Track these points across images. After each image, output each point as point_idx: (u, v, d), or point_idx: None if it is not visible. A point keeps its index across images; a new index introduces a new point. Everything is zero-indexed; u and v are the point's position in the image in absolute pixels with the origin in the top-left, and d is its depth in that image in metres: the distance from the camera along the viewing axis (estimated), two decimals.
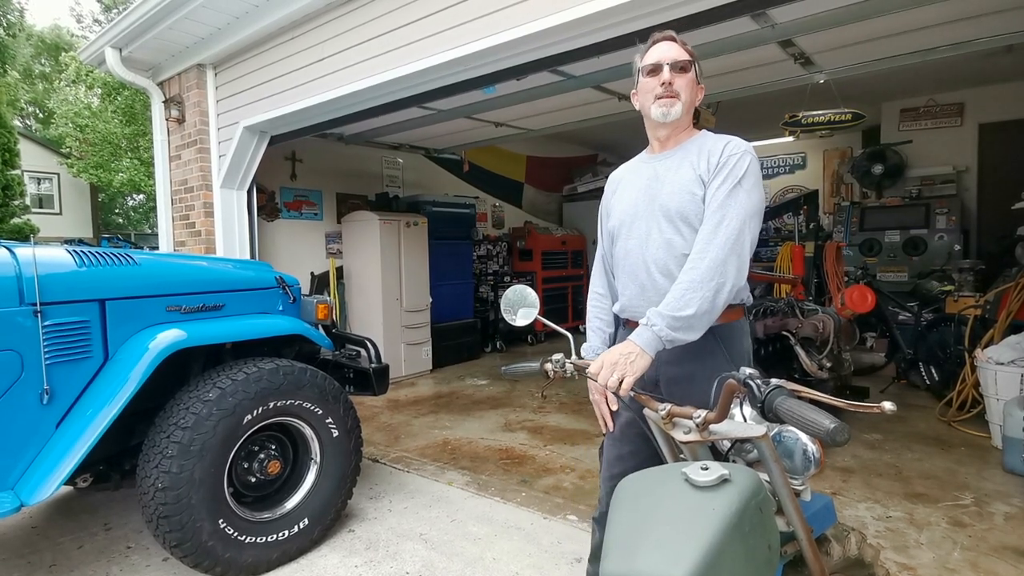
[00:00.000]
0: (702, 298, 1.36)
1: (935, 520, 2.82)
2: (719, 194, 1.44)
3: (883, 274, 6.47)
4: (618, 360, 1.33)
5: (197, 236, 4.93)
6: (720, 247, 1.39)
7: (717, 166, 1.47)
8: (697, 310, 1.36)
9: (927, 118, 6.94)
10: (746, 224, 1.43)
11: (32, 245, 2.20)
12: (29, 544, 2.78)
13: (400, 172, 7.25)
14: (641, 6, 2.53)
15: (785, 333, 3.71)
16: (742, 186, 1.44)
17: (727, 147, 1.50)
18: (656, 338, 1.36)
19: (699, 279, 1.38)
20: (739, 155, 1.47)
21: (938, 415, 4.31)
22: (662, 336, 1.36)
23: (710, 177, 1.48)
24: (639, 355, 1.34)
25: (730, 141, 1.51)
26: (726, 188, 1.44)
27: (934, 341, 4.79)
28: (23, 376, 2.08)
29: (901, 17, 3.26)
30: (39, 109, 23.05)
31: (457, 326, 6.85)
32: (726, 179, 1.45)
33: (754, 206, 1.45)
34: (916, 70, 5.36)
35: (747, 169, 1.46)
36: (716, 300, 1.38)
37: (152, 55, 4.80)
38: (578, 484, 3.35)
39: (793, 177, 9.01)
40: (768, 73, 4.35)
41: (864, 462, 3.55)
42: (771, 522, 1.15)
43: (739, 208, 1.43)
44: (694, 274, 1.39)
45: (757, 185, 1.48)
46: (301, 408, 2.58)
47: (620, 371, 1.31)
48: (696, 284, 1.37)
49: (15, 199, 11.22)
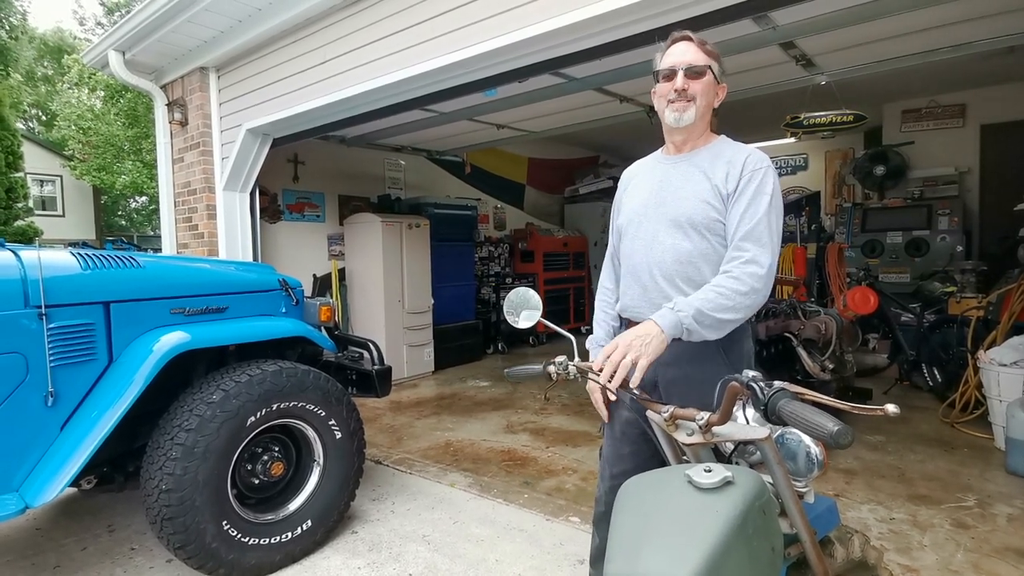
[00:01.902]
0: (736, 306, 1.39)
1: (938, 522, 2.82)
2: (755, 213, 1.45)
3: (885, 275, 6.46)
4: (633, 341, 1.30)
5: (200, 238, 4.94)
6: (764, 266, 1.43)
7: (740, 180, 1.48)
8: (729, 316, 1.39)
9: (929, 119, 6.93)
10: (778, 246, 1.48)
11: (37, 248, 2.21)
12: (33, 546, 2.79)
13: (402, 174, 7.26)
14: (641, 9, 2.54)
15: (787, 335, 3.71)
16: (772, 205, 1.47)
17: (748, 160, 1.50)
18: (679, 323, 1.34)
19: (739, 290, 1.39)
20: (763, 170, 1.48)
21: (941, 417, 4.30)
22: (685, 324, 1.35)
23: (732, 189, 1.48)
24: (657, 336, 1.32)
25: (751, 154, 1.51)
26: (761, 208, 1.45)
27: (937, 342, 4.79)
28: (28, 378, 2.09)
29: (902, 19, 3.26)
30: (42, 112, 23.11)
31: (459, 328, 6.85)
32: (756, 196, 1.46)
33: (781, 226, 1.51)
34: (918, 71, 5.36)
35: (774, 186, 1.48)
36: (748, 313, 1.43)
37: (155, 58, 4.82)
38: (580, 486, 3.35)
39: (795, 178, 9.01)
40: (770, 75, 4.35)
41: (867, 464, 3.54)
42: (775, 524, 1.15)
43: (774, 230, 1.46)
44: (736, 284, 1.40)
45: (781, 203, 1.52)
46: (304, 410, 2.58)
47: (635, 352, 1.28)
48: (735, 294, 1.39)
49: (18, 202, 11.24)
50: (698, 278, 1.50)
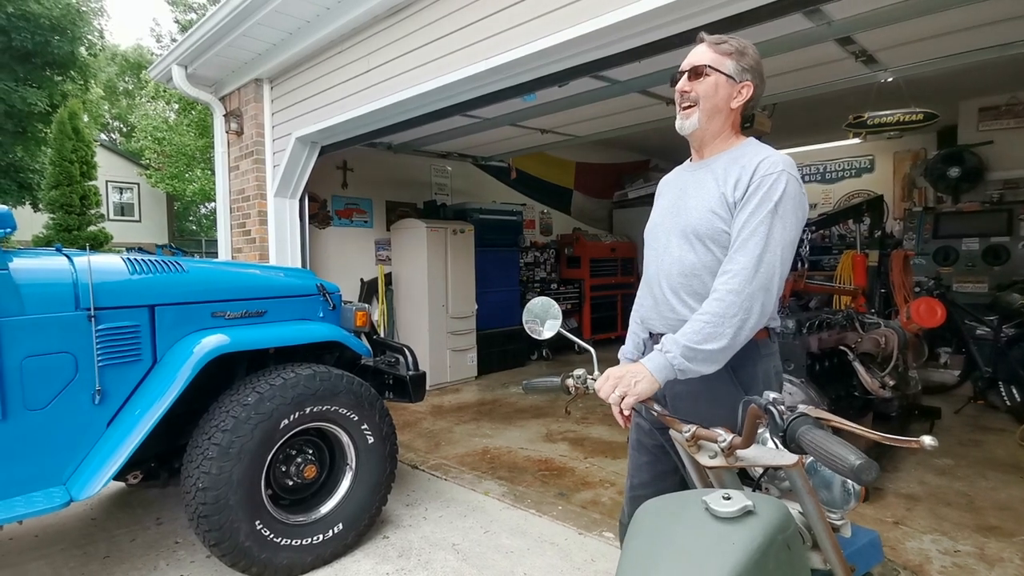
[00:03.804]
0: (722, 334, 1.28)
1: (1008, 556, 2.56)
2: (752, 221, 1.32)
3: (959, 285, 6.00)
4: (624, 376, 1.30)
5: (252, 243, 5.13)
6: (747, 281, 1.30)
7: (749, 187, 1.35)
8: (716, 345, 1.28)
9: (1009, 117, 6.41)
10: (779, 257, 1.32)
11: (87, 253, 2.32)
12: (87, 535, 2.93)
13: (448, 180, 7.32)
14: (681, 8, 2.44)
15: (843, 348, 3.48)
16: (777, 213, 1.32)
17: (761, 165, 1.36)
18: (669, 366, 1.30)
19: (723, 313, 1.29)
20: (775, 175, 1.33)
21: (1019, 440, 3.94)
22: (675, 365, 1.30)
23: (739, 197, 1.36)
24: (645, 378, 1.29)
25: (766, 158, 1.37)
26: (760, 215, 1.32)
27: (1016, 359, 4.40)
28: (77, 377, 2.20)
29: (973, 10, 3.00)
30: (123, 124, 24.74)
31: (503, 333, 6.83)
32: (760, 203, 1.32)
33: (789, 236, 1.33)
34: (995, 66, 4.95)
35: (784, 192, 1.32)
36: (737, 336, 1.30)
37: (214, 71, 5.05)
38: (617, 500, 3.24)
39: (860, 181, 8.52)
40: (827, 73, 4.12)
41: (932, 489, 3.27)
42: (801, 560, 1.06)
43: (772, 239, 1.31)
44: (719, 306, 1.30)
45: (795, 210, 1.34)
46: (337, 414, 2.61)
47: (622, 388, 1.29)
48: (719, 318, 1.29)
49: (91, 208, 12.06)
50: (703, 291, 1.40)
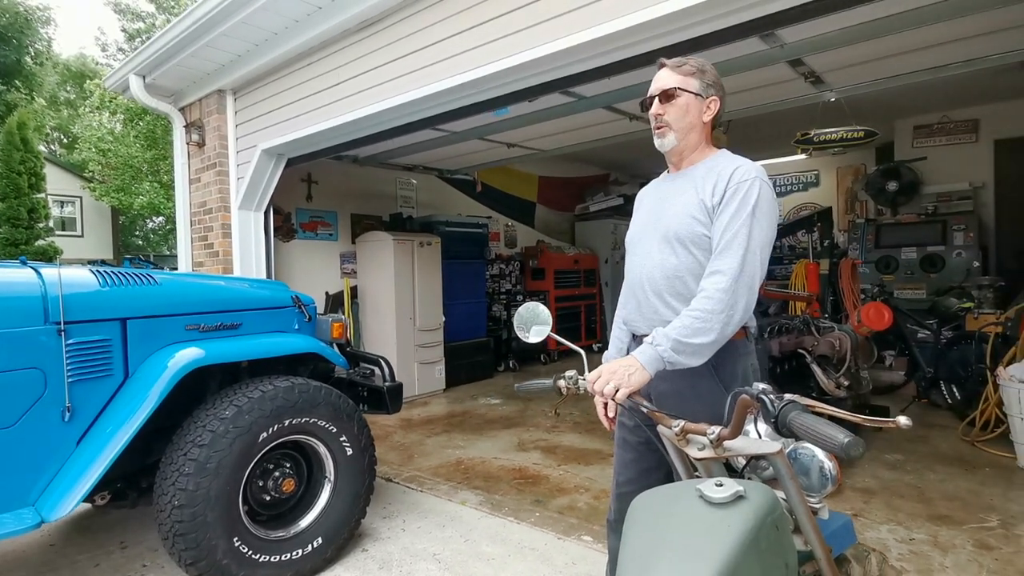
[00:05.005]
0: (711, 328, 1.39)
1: (960, 543, 2.75)
2: (733, 224, 1.44)
3: (900, 291, 6.39)
4: (617, 370, 1.37)
5: (215, 256, 5.01)
6: (734, 280, 1.41)
7: (725, 193, 1.46)
8: (705, 339, 1.39)
9: (941, 135, 6.90)
10: (759, 257, 1.44)
11: (58, 265, 2.25)
12: (47, 562, 2.80)
13: (414, 193, 7.34)
14: (647, 30, 2.57)
15: (801, 351, 3.67)
16: (755, 216, 1.44)
17: (736, 173, 1.48)
18: (659, 358, 1.39)
19: (712, 310, 1.39)
20: (749, 182, 1.45)
21: (961, 435, 4.21)
22: (665, 357, 1.39)
23: (717, 203, 1.47)
24: (638, 370, 1.37)
25: (740, 166, 1.49)
26: (740, 219, 1.43)
27: (955, 359, 4.70)
28: (46, 394, 2.12)
29: (912, 35, 3.26)
30: (64, 135, 23.70)
31: (470, 345, 6.85)
32: (738, 208, 1.44)
33: (766, 237, 1.46)
34: (929, 87, 5.36)
35: (759, 196, 1.45)
36: (724, 331, 1.41)
37: (174, 82, 4.95)
38: (592, 504, 3.31)
39: (807, 195, 8.99)
40: (779, 92, 4.36)
41: (885, 483, 3.47)
42: (788, 540, 1.14)
43: (752, 241, 1.43)
44: (708, 304, 1.40)
45: (769, 213, 1.47)
46: (315, 426, 2.59)
47: (616, 381, 1.35)
48: (708, 314, 1.39)
49: (39, 222, 11.52)
50: (686, 293, 1.51)
